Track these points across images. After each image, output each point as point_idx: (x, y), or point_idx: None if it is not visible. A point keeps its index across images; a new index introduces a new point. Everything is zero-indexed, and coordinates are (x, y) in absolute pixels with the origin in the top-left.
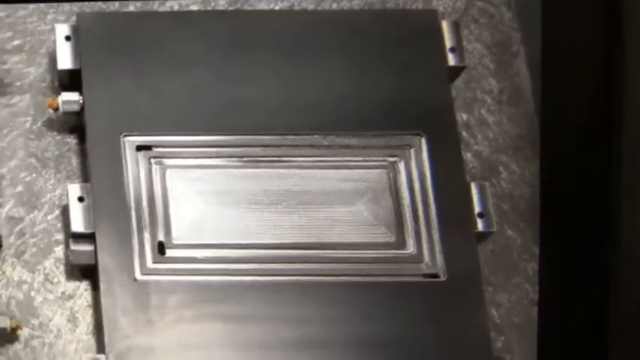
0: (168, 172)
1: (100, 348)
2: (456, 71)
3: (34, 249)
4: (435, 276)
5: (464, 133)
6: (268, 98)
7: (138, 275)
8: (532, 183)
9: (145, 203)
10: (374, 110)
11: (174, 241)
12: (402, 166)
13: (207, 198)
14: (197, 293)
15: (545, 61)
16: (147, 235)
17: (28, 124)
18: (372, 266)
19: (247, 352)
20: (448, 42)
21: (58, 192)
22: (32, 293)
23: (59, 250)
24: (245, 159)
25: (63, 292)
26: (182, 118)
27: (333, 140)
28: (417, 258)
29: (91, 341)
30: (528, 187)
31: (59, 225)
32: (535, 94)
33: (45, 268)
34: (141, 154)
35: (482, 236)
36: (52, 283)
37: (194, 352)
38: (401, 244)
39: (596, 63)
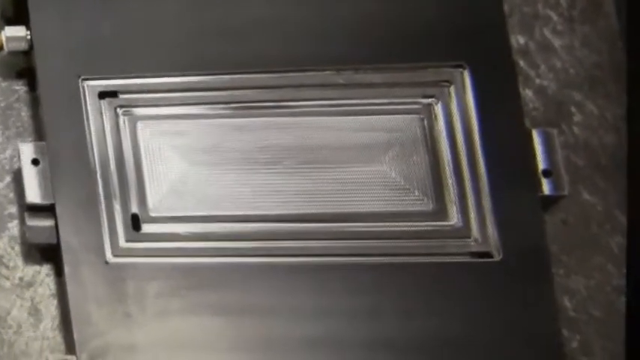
0: (139, 124)
1: (70, 346)
2: None
3: None
4: (488, 255)
5: (521, 63)
6: (264, 24)
7: (109, 257)
8: (616, 128)
9: (112, 165)
10: (403, 37)
11: (152, 214)
12: (439, 109)
13: (189, 157)
14: (182, 279)
15: None
16: (117, 207)
17: None
18: (403, 243)
19: (249, 354)
20: None
21: (8, 153)
22: None
23: (13, 227)
24: (234, 105)
25: (21, 279)
26: (154, 55)
27: (350, 77)
28: (463, 232)
29: (58, 338)
30: (611, 133)
31: (11, 195)
32: (619, 8)
33: None
34: (105, 103)
35: (550, 201)
36: (7, 267)
37: (183, 352)
38: (441, 213)
39: None
